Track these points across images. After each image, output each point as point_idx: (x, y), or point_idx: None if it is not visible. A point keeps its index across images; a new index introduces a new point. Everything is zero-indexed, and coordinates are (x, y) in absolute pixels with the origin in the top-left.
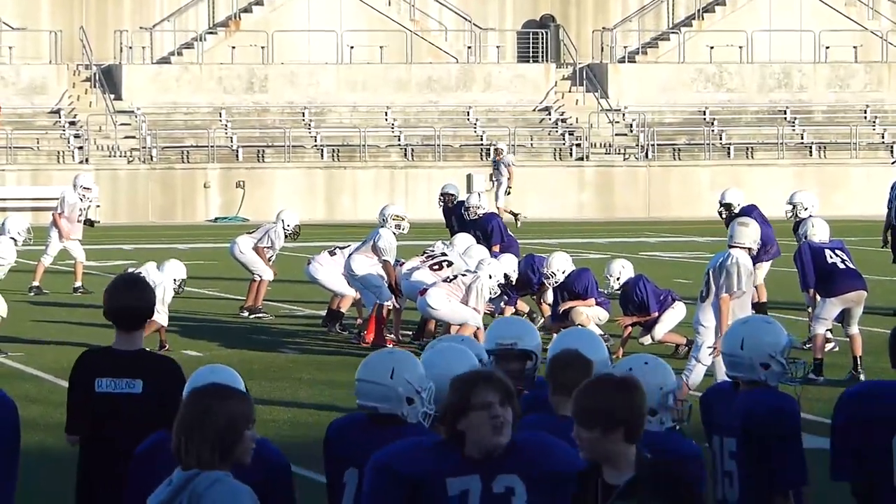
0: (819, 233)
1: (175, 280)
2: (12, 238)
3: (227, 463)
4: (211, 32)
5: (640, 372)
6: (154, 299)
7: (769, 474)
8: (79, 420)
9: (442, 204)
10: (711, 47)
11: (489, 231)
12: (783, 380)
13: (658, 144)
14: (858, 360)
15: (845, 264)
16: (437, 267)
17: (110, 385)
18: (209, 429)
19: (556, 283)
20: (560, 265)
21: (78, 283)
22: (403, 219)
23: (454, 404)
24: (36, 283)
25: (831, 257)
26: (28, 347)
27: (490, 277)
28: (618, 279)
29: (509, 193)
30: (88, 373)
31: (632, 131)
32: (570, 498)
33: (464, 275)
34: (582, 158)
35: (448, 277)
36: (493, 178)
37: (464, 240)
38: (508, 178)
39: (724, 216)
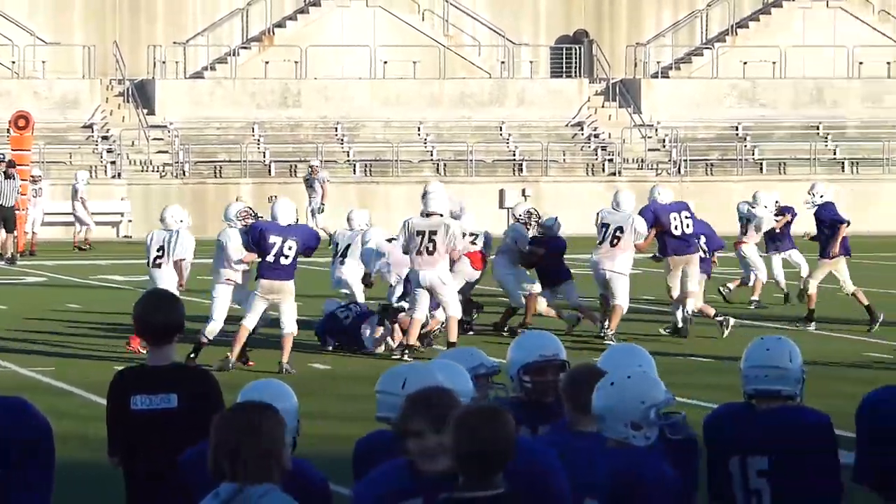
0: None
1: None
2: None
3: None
4: (244, 47)
5: (621, 384)
6: (184, 313)
7: (808, 489)
8: (118, 441)
9: None
10: (745, 63)
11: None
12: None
13: (691, 160)
14: None
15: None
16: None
17: (145, 402)
18: (256, 444)
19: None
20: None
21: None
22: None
23: None
24: None
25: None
26: (58, 361)
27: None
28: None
29: (322, 211)
30: (123, 391)
31: (665, 147)
32: None
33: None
34: (614, 174)
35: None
36: (310, 196)
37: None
38: (322, 196)
39: None
